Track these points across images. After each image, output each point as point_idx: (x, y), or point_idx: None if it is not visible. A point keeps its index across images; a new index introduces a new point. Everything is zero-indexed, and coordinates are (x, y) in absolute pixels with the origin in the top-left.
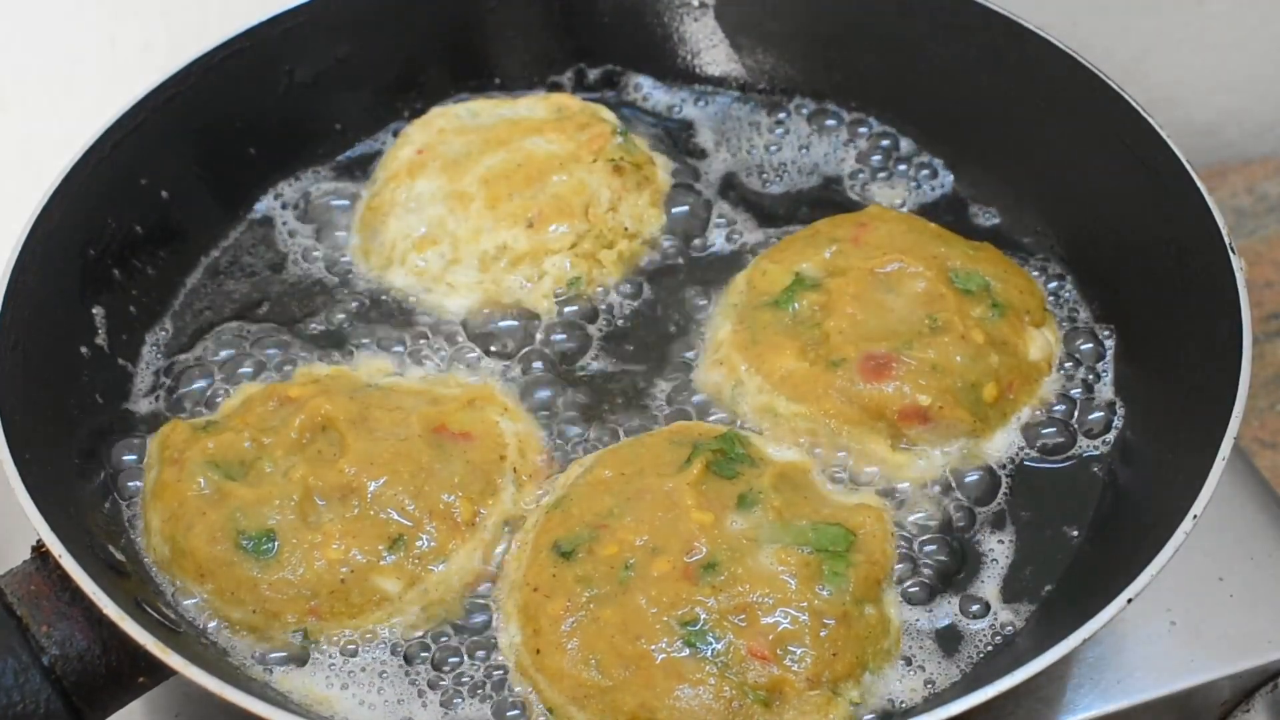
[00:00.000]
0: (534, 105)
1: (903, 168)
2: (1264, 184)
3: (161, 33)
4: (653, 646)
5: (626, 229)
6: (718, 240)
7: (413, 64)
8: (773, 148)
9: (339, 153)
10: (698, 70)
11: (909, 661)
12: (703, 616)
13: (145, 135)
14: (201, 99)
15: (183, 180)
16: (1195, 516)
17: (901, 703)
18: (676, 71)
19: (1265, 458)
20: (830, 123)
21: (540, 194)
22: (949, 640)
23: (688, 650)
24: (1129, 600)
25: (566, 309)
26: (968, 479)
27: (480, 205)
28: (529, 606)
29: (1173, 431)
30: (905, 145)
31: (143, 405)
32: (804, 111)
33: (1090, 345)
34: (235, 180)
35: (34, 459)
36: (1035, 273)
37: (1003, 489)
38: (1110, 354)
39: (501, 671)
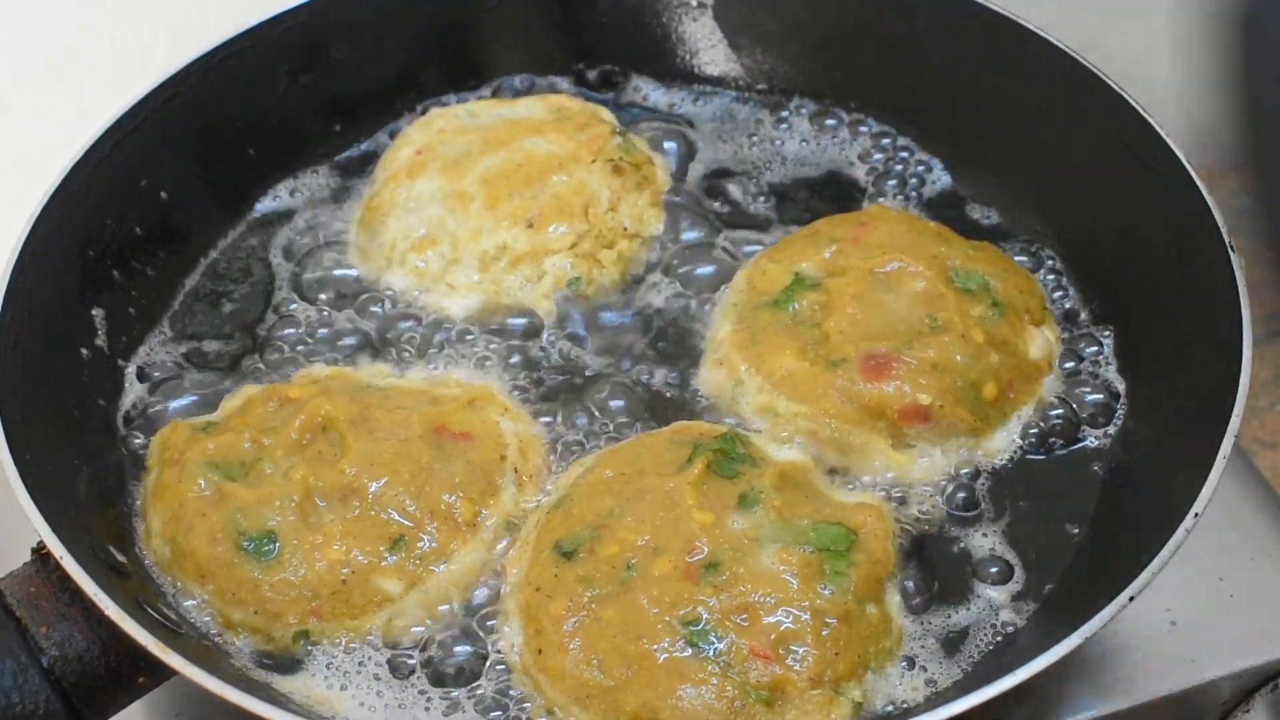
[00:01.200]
0: (533, 105)
1: (902, 167)
2: None
3: (161, 32)
4: (655, 646)
5: (626, 229)
6: (717, 240)
7: (412, 64)
8: (775, 143)
9: (338, 153)
10: (697, 70)
11: (911, 661)
12: (704, 616)
13: (145, 135)
14: (201, 99)
15: (182, 180)
16: (1196, 515)
17: (903, 702)
18: (676, 71)
19: (1265, 457)
20: (830, 122)
21: (540, 194)
22: (950, 639)
23: (690, 650)
24: (1130, 598)
25: (566, 309)
26: (968, 478)
27: (480, 205)
28: (530, 607)
29: (1173, 430)
30: (904, 144)
31: (142, 406)
32: (804, 111)
33: (1092, 347)
34: (235, 180)
35: (34, 460)
36: (1032, 268)
37: (1003, 487)
38: (1110, 352)
39: (503, 672)
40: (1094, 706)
